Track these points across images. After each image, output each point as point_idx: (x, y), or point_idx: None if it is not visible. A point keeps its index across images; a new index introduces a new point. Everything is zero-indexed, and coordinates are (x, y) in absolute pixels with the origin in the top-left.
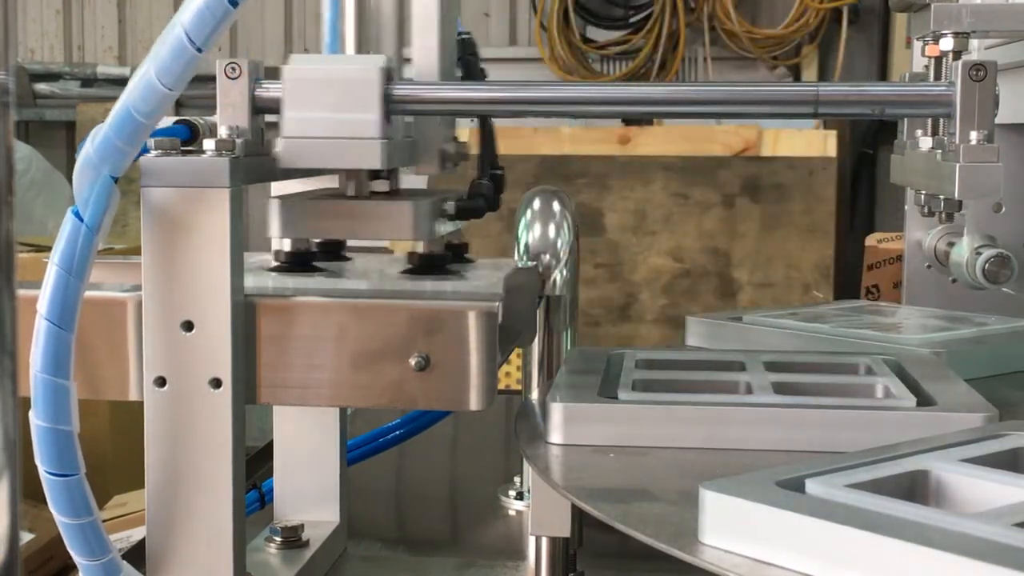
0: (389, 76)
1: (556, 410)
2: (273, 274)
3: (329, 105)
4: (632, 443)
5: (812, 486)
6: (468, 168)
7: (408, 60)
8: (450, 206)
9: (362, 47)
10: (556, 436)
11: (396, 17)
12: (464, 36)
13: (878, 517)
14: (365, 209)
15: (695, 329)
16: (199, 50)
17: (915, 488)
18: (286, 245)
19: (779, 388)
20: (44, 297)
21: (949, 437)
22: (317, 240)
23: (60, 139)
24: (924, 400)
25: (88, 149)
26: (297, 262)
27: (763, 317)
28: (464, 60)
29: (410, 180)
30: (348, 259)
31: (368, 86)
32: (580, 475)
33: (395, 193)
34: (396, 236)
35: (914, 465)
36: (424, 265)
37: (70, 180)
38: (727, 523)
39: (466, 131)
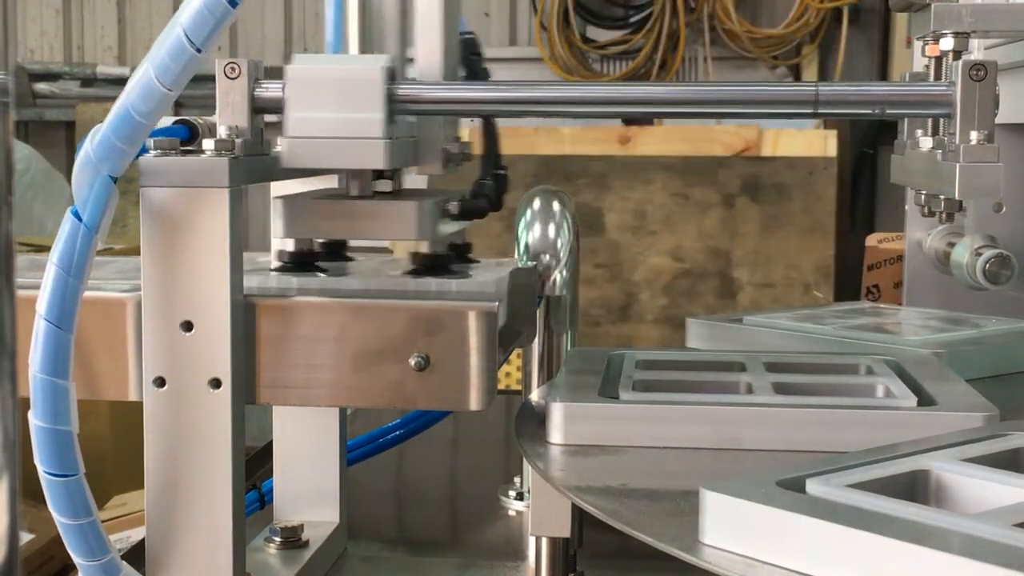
0: (392, 76)
1: (556, 410)
2: (275, 274)
3: (332, 105)
4: (633, 443)
5: (813, 486)
6: (471, 168)
7: (411, 60)
8: (453, 206)
9: (365, 47)
10: (556, 436)
11: (399, 17)
12: (467, 36)
13: (879, 517)
14: (369, 209)
15: (696, 331)
16: (198, 50)
17: (916, 488)
18: (288, 245)
19: (779, 388)
20: (43, 297)
21: (949, 437)
22: (320, 240)
23: (60, 139)
24: (925, 400)
25: (87, 148)
26: (300, 262)
27: (763, 319)
28: (467, 60)
29: (411, 180)
30: (351, 259)
31: (371, 86)
32: (580, 475)
33: (398, 193)
34: (400, 236)
35: (914, 465)
36: (427, 265)
37: (70, 180)
38: (728, 523)
39: (466, 130)
